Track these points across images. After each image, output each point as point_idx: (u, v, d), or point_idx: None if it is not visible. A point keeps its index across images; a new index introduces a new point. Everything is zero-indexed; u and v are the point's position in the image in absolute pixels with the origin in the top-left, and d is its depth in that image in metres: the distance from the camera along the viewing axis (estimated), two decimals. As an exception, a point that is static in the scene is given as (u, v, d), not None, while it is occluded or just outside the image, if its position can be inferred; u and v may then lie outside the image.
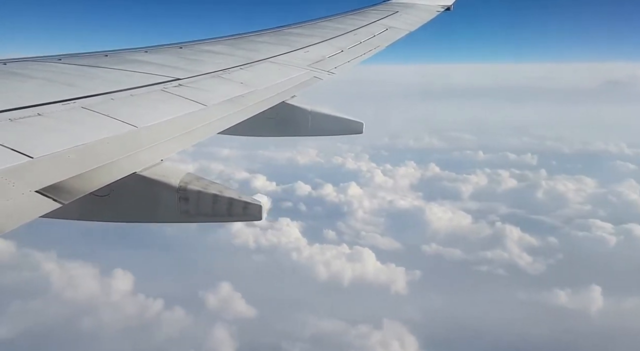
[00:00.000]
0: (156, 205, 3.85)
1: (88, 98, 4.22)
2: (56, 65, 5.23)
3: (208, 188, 3.85)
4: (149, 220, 3.99)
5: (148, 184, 3.68)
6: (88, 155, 3.31)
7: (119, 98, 4.45)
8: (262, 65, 7.00)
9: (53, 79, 4.66)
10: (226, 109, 4.98)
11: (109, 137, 3.64)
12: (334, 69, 7.65)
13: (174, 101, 4.78)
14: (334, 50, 8.54)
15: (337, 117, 6.85)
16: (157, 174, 3.71)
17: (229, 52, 7.41)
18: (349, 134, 6.95)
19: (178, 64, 6.18)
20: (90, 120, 3.83)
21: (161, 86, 5.06)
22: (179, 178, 3.81)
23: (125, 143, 3.67)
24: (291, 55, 7.85)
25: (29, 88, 4.29)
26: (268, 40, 8.73)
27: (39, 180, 2.84)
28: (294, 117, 6.46)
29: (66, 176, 2.98)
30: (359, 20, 11.11)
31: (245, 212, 3.88)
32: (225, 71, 6.23)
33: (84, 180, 3.06)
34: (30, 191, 2.74)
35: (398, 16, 11.91)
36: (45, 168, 2.99)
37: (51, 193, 2.79)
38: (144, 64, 5.88)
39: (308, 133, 6.69)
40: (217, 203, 3.84)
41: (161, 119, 4.25)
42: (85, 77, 4.98)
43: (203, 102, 4.91)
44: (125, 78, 5.14)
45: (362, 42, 9.41)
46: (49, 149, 3.18)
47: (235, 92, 5.53)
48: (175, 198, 3.79)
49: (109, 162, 3.35)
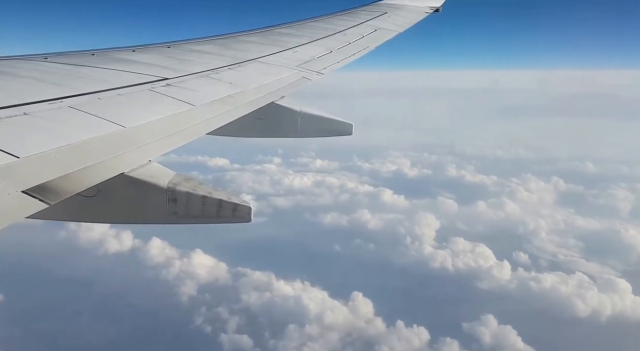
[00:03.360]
0: (144, 206, 3.82)
1: (75, 97, 4.18)
2: (43, 64, 5.18)
3: (197, 190, 3.83)
4: (137, 221, 3.96)
5: (136, 185, 3.65)
6: (75, 155, 3.28)
7: (107, 97, 4.42)
8: (251, 65, 6.98)
9: (39, 78, 4.61)
10: (215, 109, 4.96)
11: (96, 137, 3.61)
12: (323, 69, 7.64)
13: (162, 101, 4.74)
14: (323, 51, 8.54)
15: (327, 118, 6.84)
16: (145, 175, 3.68)
17: (218, 52, 7.38)
18: (338, 136, 6.95)
19: (166, 63, 6.15)
20: (77, 120, 3.79)
21: (149, 86, 5.03)
22: (168, 179, 3.79)
23: (112, 144, 3.64)
24: (280, 55, 7.84)
25: (15, 87, 4.24)
26: (257, 40, 8.71)
27: (26, 181, 2.81)
28: (283, 118, 6.44)
29: (53, 176, 2.95)
30: (348, 20, 11.12)
31: (235, 214, 3.87)
32: (214, 71, 6.21)
33: (71, 180, 3.03)
34: (16, 191, 2.71)
35: (387, 17, 11.94)
36: (31, 169, 2.95)
37: (38, 194, 2.76)
38: (131, 64, 5.83)
39: (297, 134, 6.68)
40: (206, 205, 3.82)
41: (149, 119, 4.22)
42: (72, 76, 4.93)
43: (191, 102, 4.88)
44: (113, 77, 5.10)
45: (351, 42, 9.42)
46: (36, 149, 3.14)
47: (223, 92, 5.50)
48: (164, 199, 3.76)
49: (96, 162, 3.32)
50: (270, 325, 55.73)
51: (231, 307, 58.91)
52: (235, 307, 58.98)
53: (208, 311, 58.20)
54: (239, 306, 59.22)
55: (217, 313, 57.86)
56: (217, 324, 56.16)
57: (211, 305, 59.40)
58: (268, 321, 56.56)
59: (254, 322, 56.59)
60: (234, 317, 57.19)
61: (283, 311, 57.93)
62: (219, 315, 57.72)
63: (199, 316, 57.64)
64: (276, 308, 58.69)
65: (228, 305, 59.36)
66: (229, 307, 58.86)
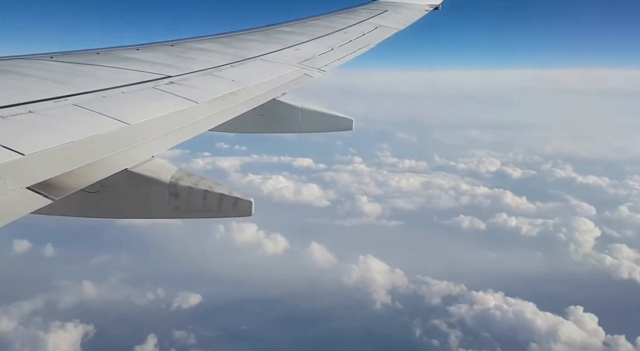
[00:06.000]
0: (147, 201, 3.88)
1: (80, 95, 4.24)
2: (48, 63, 5.24)
3: (199, 184, 3.88)
4: (140, 216, 4.02)
5: (139, 180, 3.70)
6: (79, 152, 3.34)
7: (111, 95, 4.47)
8: (253, 62, 7.03)
9: (45, 77, 4.67)
10: (217, 106, 5.01)
11: (100, 134, 3.67)
12: (324, 66, 7.69)
13: (166, 98, 4.80)
14: (324, 48, 8.58)
15: (328, 113, 6.89)
16: (147, 170, 3.74)
17: (220, 49, 7.43)
18: (339, 131, 7.00)
19: (169, 61, 6.20)
20: (81, 118, 3.85)
21: (152, 84, 5.08)
22: (170, 175, 3.85)
23: (116, 140, 3.70)
24: (282, 53, 7.88)
25: (21, 86, 4.30)
26: (259, 38, 8.76)
27: (30, 177, 2.87)
28: (285, 114, 6.49)
29: (57, 173, 3.00)
30: (348, 19, 11.15)
31: (236, 208, 3.92)
32: (216, 69, 6.26)
33: (75, 176, 3.09)
34: (21, 187, 2.76)
35: (387, 15, 11.96)
36: (36, 165, 3.01)
37: (42, 190, 2.81)
38: (135, 62, 5.89)
39: (299, 130, 6.73)
40: (208, 199, 3.87)
41: (152, 116, 4.28)
42: (77, 74, 4.99)
43: (194, 99, 4.94)
44: (117, 76, 5.15)
45: (352, 40, 9.45)
46: (40, 146, 3.20)
47: (226, 89, 5.55)
48: (166, 194, 3.82)
49: (100, 158, 3.38)
50: (504, 343, 51.39)
51: (447, 320, 55.23)
52: (450, 320, 55.33)
53: (423, 323, 54.64)
54: (453, 319, 55.47)
55: (434, 325, 54.55)
56: (440, 337, 52.76)
57: (414, 314, 56.24)
58: (495, 337, 52.38)
59: (479, 337, 52.79)
60: (454, 331, 53.67)
61: (504, 326, 53.60)
62: (437, 327, 54.32)
63: (414, 327, 54.44)
64: (495, 322, 54.41)
65: (435, 316, 55.83)
66: (444, 319, 55.27)
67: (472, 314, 56.39)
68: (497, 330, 53.63)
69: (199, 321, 54.64)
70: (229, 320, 54.73)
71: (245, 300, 57.96)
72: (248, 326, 54.19)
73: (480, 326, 54.46)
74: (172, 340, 52.15)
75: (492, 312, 56.28)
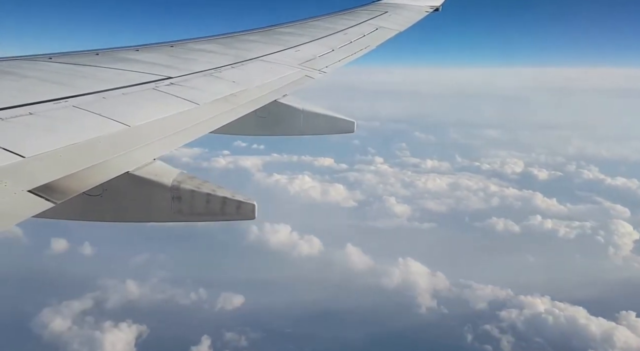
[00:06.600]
0: (149, 205, 3.84)
1: (80, 97, 4.20)
2: (47, 64, 5.20)
3: (201, 187, 3.84)
4: (142, 219, 3.97)
5: (141, 183, 3.66)
6: (80, 155, 3.30)
7: (111, 97, 4.43)
8: (254, 64, 7.00)
9: (44, 78, 4.63)
10: (218, 108, 4.98)
11: (101, 136, 3.63)
12: (325, 68, 7.66)
13: (166, 100, 4.76)
14: (325, 50, 8.56)
15: (329, 115, 6.85)
16: (150, 173, 3.70)
17: (221, 50, 7.39)
18: (340, 133, 6.96)
19: (170, 62, 6.16)
20: (82, 119, 3.81)
21: (153, 85, 5.05)
22: (172, 178, 3.80)
23: (117, 143, 3.66)
24: (282, 54, 7.85)
25: (20, 87, 4.26)
26: (259, 39, 8.73)
27: (31, 180, 2.83)
28: (286, 116, 6.46)
29: (58, 175, 2.96)
30: (349, 20, 11.13)
31: (239, 211, 3.88)
32: (217, 70, 6.22)
33: (76, 179, 3.05)
34: (22, 191, 2.72)
35: (388, 16, 11.95)
36: (37, 168, 2.97)
37: (43, 193, 2.77)
38: (135, 63, 5.85)
39: (300, 132, 6.70)
40: (211, 202, 3.83)
41: (153, 118, 4.24)
42: (76, 75, 4.95)
43: (195, 100, 4.90)
44: (117, 77, 5.11)
45: (353, 41, 9.43)
46: (41, 148, 3.16)
47: (227, 90, 5.52)
48: (168, 197, 3.78)
49: (101, 161, 3.34)
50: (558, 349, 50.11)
51: (498, 325, 53.68)
52: (502, 325, 53.74)
53: (474, 328, 53.31)
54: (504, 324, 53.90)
55: (485, 331, 52.96)
56: (493, 343, 51.37)
57: (463, 319, 54.89)
58: (549, 343, 50.96)
59: (532, 343, 51.42)
60: (505, 336, 52.22)
61: (557, 332, 51.94)
62: (488, 332, 52.79)
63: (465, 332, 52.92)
64: (547, 328, 52.75)
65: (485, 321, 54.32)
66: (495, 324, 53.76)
67: (523, 319, 54.92)
68: (550, 335, 52.33)
69: (246, 323, 54.24)
70: (273, 322, 54.29)
71: (287, 302, 57.26)
72: (293, 328, 53.70)
73: (533, 332, 53.12)
74: (223, 341, 51.80)
75: (544, 317, 54.83)
